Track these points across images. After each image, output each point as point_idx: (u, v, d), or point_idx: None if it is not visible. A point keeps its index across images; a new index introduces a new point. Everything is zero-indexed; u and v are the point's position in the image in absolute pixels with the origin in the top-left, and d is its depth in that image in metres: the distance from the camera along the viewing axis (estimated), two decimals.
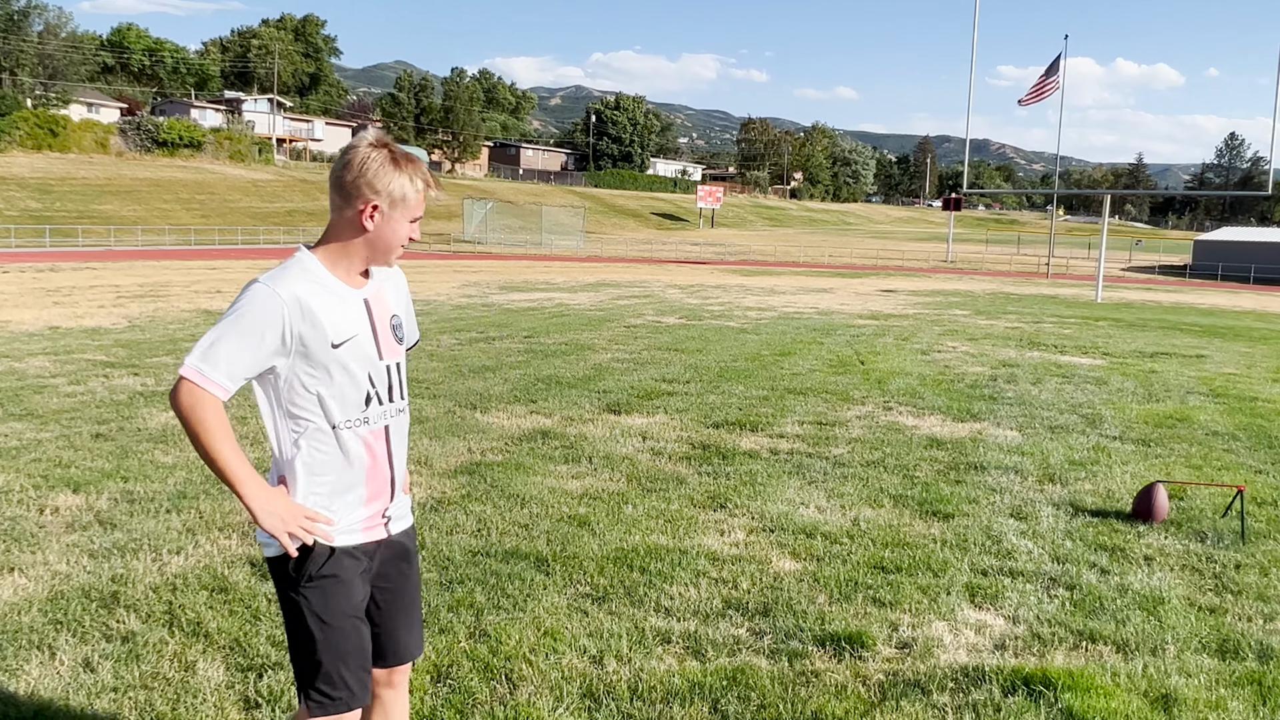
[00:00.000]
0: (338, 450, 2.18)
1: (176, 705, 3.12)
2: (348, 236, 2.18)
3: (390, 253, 2.22)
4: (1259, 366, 13.15)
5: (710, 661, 3.56)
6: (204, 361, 2.05)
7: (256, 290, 2.08)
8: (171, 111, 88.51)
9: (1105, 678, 3.50)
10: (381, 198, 2.14)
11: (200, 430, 2.04)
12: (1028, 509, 5.71)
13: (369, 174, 2.13)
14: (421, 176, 2.19)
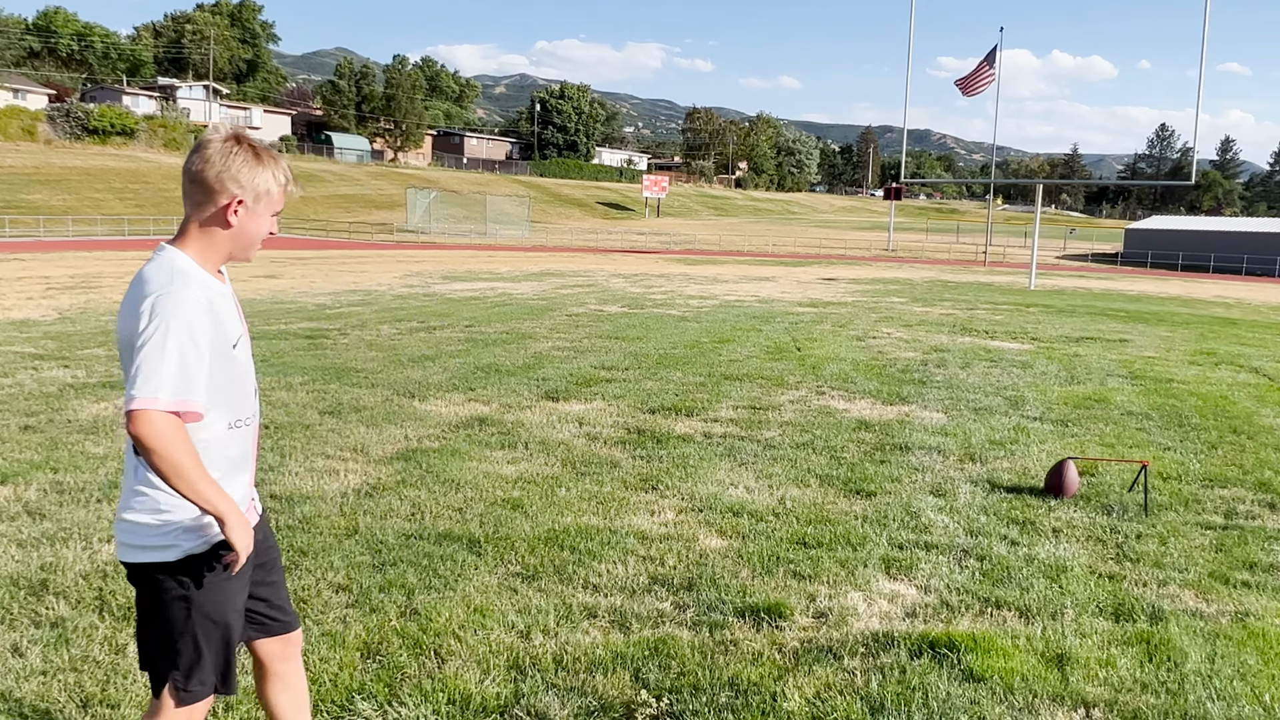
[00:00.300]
0: (230, 445, 2.22)
1: (106, 686, 3.17)
2: (211, 232, 2.18)
3: (252, 247, 2.24)
4: (1177, 350, 13.67)
5: (634, 633, 3.70)
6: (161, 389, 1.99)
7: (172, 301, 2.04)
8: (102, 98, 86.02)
9: (1006, 640, 3.71)
10: (246, 192, 2.16)
11: (179, 462, 2.00)
12: (947, 486, 5.94)
13: (233, 169, 2.14)
14: (284, 171, 2.23)
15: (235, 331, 2.20)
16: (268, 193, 2.20)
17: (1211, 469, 6.61)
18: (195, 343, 2.04)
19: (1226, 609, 4.14)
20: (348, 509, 5.12)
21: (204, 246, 2.18)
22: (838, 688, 3.32)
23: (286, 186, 2.25)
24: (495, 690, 3.23)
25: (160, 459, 1.98)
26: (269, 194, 2.20)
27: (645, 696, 3.22)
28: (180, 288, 2.07)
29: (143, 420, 1.96)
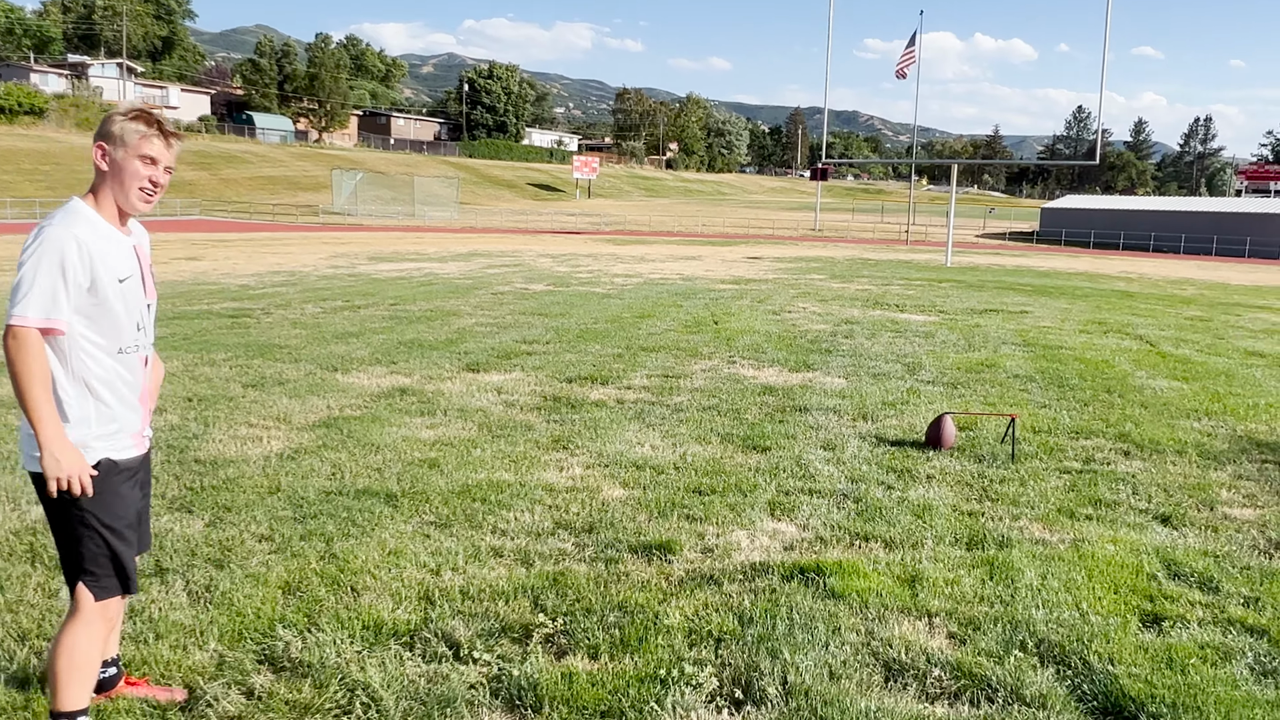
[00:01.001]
0: (123, 369, 2.63)
1: (42, 623, 3.43)
2: (99, 182, 2.59)
3: (130, 192, 2.58)
4: (1072, 320, 14.47)
5: (535, 569, 4.07)
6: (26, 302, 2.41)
7: (51, 234, 2.45)
8: (8, 76, 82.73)
9: (868, 566, 4.17)
10: (108, 140, 2.56)
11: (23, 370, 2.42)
12: (837, 441, 6.42)
13: (103, 127, 2.57)
14: (145, 119, 2.57)
15: (125, 270, 2.59)
16: (121, 135, 2.55)
17: (1080, 423, 7.21)
18: (63, 270, 2.44)
19: (1066, 538, 4.67)
20: (270, 470, 5.39)
21: (98, 195, 2.59)
22: (714, 606, 3.74)
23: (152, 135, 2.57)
24: (406, 617, 3.58)
25: (12, 370, 2.42)
26: (122, 137, 2.55)
27: (542, 619, 3.59)
28: (60, 224, 2.49)
29: (9, 335, 2.40)
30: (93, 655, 2.64)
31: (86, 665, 2.63)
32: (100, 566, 2.61)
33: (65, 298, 2.46)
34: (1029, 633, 3.57)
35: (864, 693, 3.12)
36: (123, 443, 2.66)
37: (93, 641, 2.63)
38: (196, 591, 3.76)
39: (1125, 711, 3.07)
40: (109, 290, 2.53)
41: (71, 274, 2.46)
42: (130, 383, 2.66)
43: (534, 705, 3.00)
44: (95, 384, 2.57)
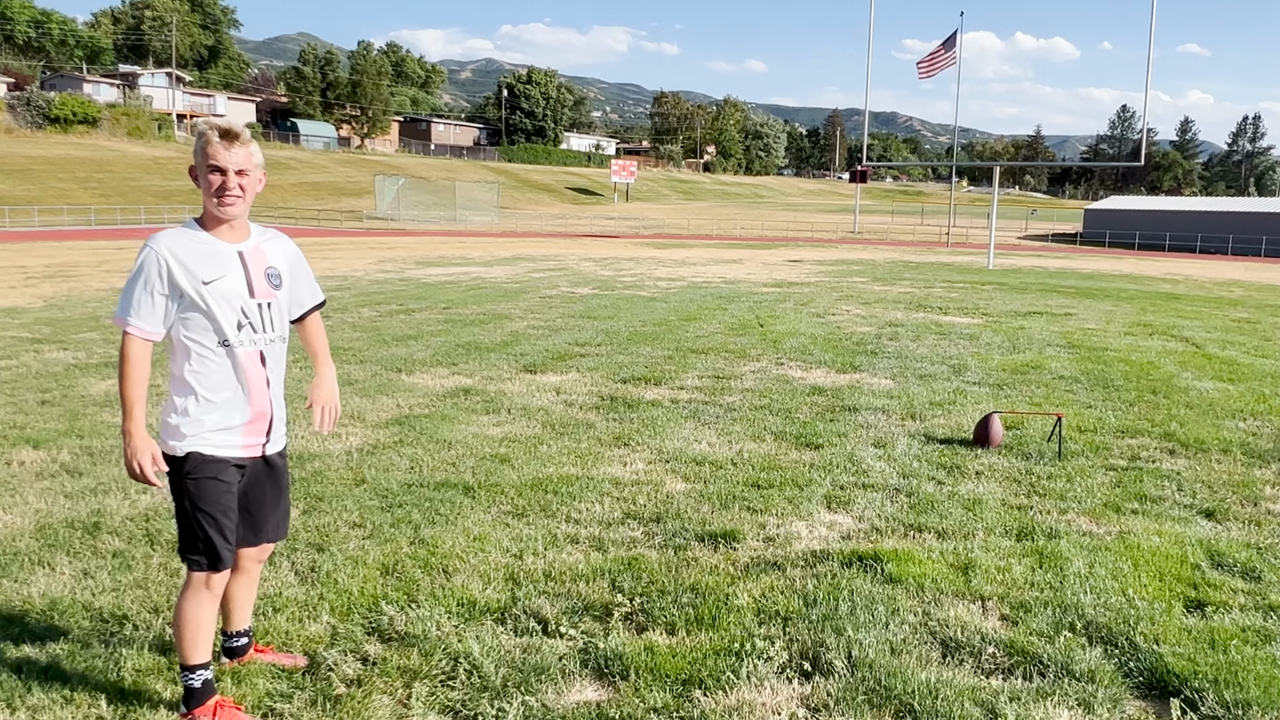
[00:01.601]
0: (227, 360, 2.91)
1: (170, 596, 3.79)
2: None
3: (210, 203, 2.86)
4: (1117, 322, 14.53)
5: (610, 554, 4.37)
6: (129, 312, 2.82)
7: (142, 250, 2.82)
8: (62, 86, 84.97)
9: (922, 554, 4.42)
10: (193, 159, 2.88)
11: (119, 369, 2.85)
12: (887, 440, 6.66)
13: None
14: (205, 131, 2.84)
15: (213, 274, 2.86)
16: (196, 152, 2.87)
17: (1125, 423, 7.38)
18: (137, 281, 2.80)
19: (1112, 530, 4.88)
20: (353, 464, 5.75)
21: (203, 209, 2.92)
22: (779, 589, 4.01)
23: (213, 143, 2.81)
24: (496, 596, 3.89)
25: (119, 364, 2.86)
26: (196, 153, 2.87)
27: (620, 599, 3.88)
28: (152, 238, 2.85)
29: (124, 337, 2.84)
30: (200, 618, 2.94)
31: (196, 626, 2.93)
32: (196, 545, 2.92)
33: (150, 306, 2.80)
34: (1078, 615, 3.80)
35: (923, 666, 3.38)
36: (219, 439, 2.91)
37: (197, 607, 2.94)
38: (303, 572, 4.10)
39: (1169, 686, 3.29)
40: (193, 293, 2.81)
41: (152, 284, 2.80)
42: (232, 380, 2.91)
43: (621, 674, 3.29)
44: (192, 380, 2.88)
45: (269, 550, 3.26)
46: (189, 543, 2.92)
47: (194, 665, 2.94)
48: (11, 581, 3.95)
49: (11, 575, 4.01)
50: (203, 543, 2.91)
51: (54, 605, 3.72)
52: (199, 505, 2.90)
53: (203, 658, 2.96)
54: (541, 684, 3.21)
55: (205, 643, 2.97)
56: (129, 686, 3.12)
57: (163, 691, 3.10)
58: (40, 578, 3.99)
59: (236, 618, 3.28)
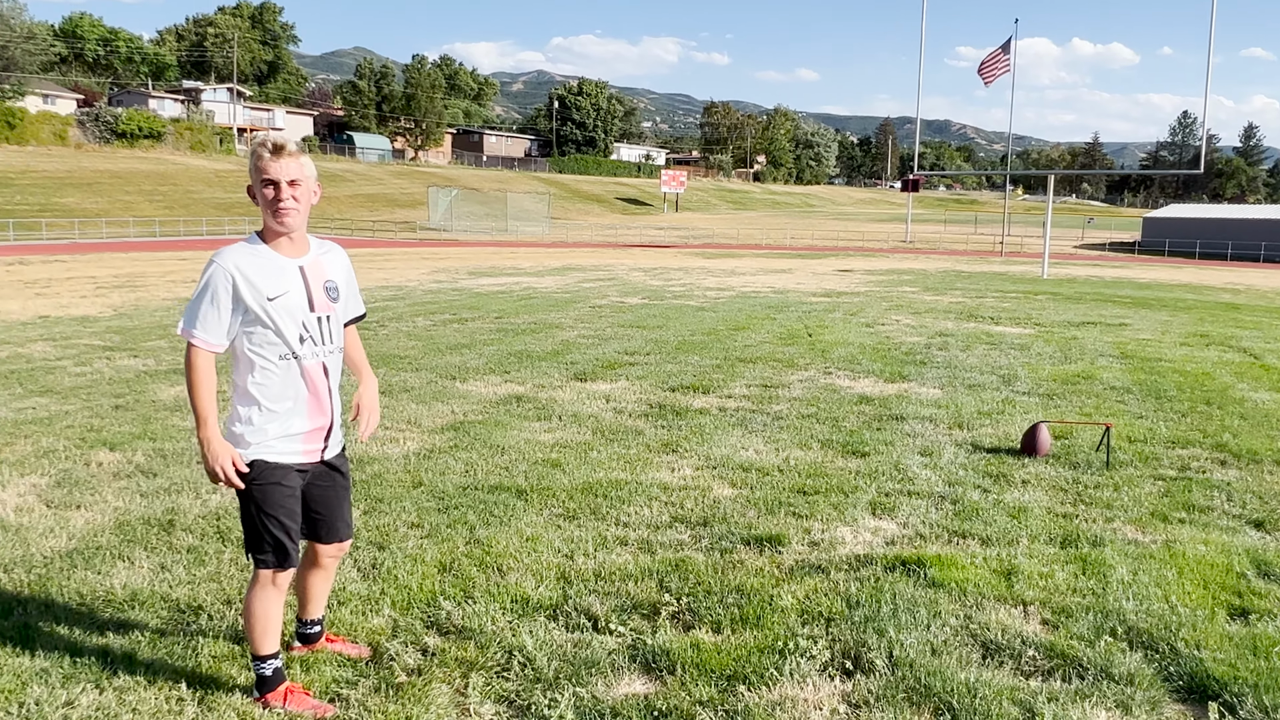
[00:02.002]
0: (288, 371, 3.04)
1: (241, 589, 4.00)
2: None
3: (268, 216, 2.98)
4: (1172, 333, 14.32)
5: (658, 555, 4.51)
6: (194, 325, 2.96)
7: (208, 265, 2.95)
8: (129, 102, 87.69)
9: (966, 559, 4.49)
10: (250, 176, 3.00)
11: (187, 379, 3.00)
12: (934, 448, 6.71)
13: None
14: (264, 147, 2.95)
15: (276, 289, 2.98)
16: (250, 170, 3.00)
17: (1177, 433, 7.34)
18: (204, 297, 2.93)
19: (1158, 539, 4.90)
20: (410, 468, 5.96)
21: (263, 224, 3.04)
22: (823, 591, 4.11)
23: (264, 156, 2.93)
24: (548, 594, 4.05)
25: (186, 374, 3.01)
26: (250, 171, 3.00)
27: (668, 598, 4.02)
28: (217, 254, 2.97)
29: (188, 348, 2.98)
30: (268, 611, 3.12)
31: (265, 619, 3.12)
32: (264, 545, 3.09)
33: (215, 319, 2.95)
34: (1119, 621, 3.85)
35: (964, 667, 3.46)
36: (282, 446, 3.07)
37: (265, 602, 3.11)
38: (365, 568, 4.30)
39: (1209, 690, 3.34)
40: (258, 309, 2.97)
41: (218, 299, 2.94)
42: (294, 391, 3.06)
43: (668, 668, 3.42)
44: (255, 391, 3.03)
45: (345, 547, 3.41)
46: (256, 543, 3.09)
47: (264, 655, 3.13)
48: (94, 574, 4.20)
49: (94, 568, 4.26)
50: (270, 544, 3.08)
51: (134, 596, 3.95)
52: (265, 509, 3.06)
53: (272, 648, 3.14)
54: (592, 677, 3.36)
55: (274, 634, 3.15)
56: (205, 672, 3.33)
57: (236, 677, 3.30)
58: (121, 570, 4.24)
59: (312, 607, 3.48)
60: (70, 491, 5.39)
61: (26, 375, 9.13)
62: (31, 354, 10.56)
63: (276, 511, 3.08)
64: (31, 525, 4.82)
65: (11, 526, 4.80)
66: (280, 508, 3.09)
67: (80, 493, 5.36)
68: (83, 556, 4.39)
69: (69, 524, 4.85)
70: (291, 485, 3.12)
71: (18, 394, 8.21)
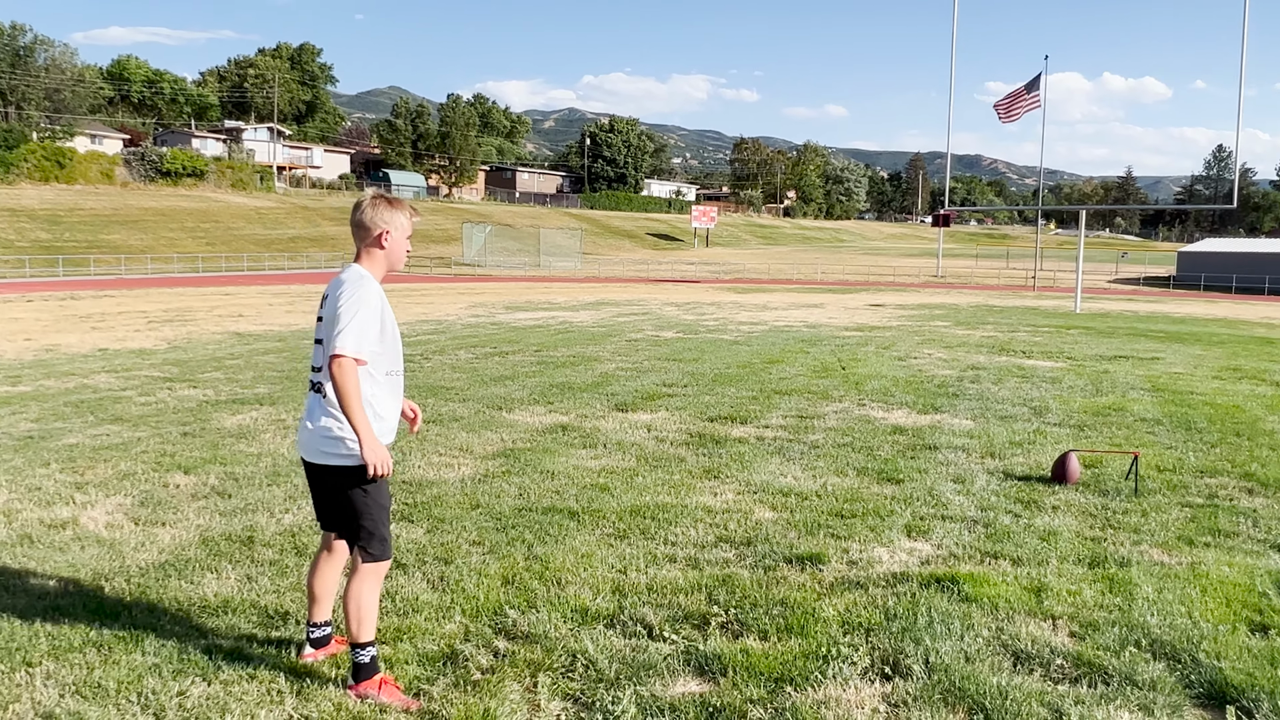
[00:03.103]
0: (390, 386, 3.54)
1: None
2: (373, 253, 3.50)
3: (400, 261, 3.56)
4: (1205, 367, 14.43)
5: (706, 571, 4.80)
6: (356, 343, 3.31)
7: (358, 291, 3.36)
8: (173, 141, 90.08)
9: (998, 577, 4.74)
10: (390, 225, 3.48)
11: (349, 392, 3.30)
12: (966, 476, 6.96)
13: (381, 213, 3.50)
14: (408, 209, 3.55)
15: (391, 316, 3.52)
16: (400, 224, 3.53)
17: (1206, 463, 7.53)
18: (368, 318, 3.36)
19: (1184, 561, 5.12)
20: (467, 490, 6.30)
21: (371, 263, 3.54)
22: (862, 604, 4.38)
23: (412, 218, 3.59)
24: (605, 605, 4.35)
25: (339, 389, 3.27)
26: (401, 225, 3.53)
27: (716, 610, 4.31)
28: (366, 284, 3.43)
29: (336, 364, 3.28)
30: (374, 601, 3.50)
31: (371, 608, 3.48)
32: (378, 540, 3.49)
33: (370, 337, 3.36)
34: (1143, 634, 4.09)
35: (995, 673, 3.72)
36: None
37: (372, 591, 3.50)
38: (433, 580, 4.63)
39: (1227, 696, 3.57)
40: (390, 330, 3.47)
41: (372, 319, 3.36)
42: (394, 401, 3.56)
43: (720, 671, 3.71)
44: (373, 401, 3.43)
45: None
46: (370, 539, 3.48)
47: (366, 642, 3.46)
48: (188, 583, 4.56)
49: (187, 578, 4.63)
50: (387, 537, 3.52)
51: (226, 603, 4.31)
52: (381, 504, 3.49)
53: (372, 635, 3.49)
54: (650, 678, 3.65)
55: (375, 622, 3.52)
56: (299, 668, 3.66)
57: (329, 672, 3.62)
58: (210, 580, 4.60)
59: (325, 605, 3.76)
60: (154, 510, 5.78)
61: (95, 404, 9.61)
62: (97, 385, 11.07)
63: (387, 505, 3.55)
64: (123, 540, 5.21)
65: (106, 541, 5.18)
66: (388, 502, 3.57)
67: (163, 511, 5.75)
68: (174, 568, 4.76)
69: (157, 539, 5.24)
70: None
71: (90, 421, 8.67)
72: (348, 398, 3.29)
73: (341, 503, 3.51)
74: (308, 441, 3.51)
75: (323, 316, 3.48)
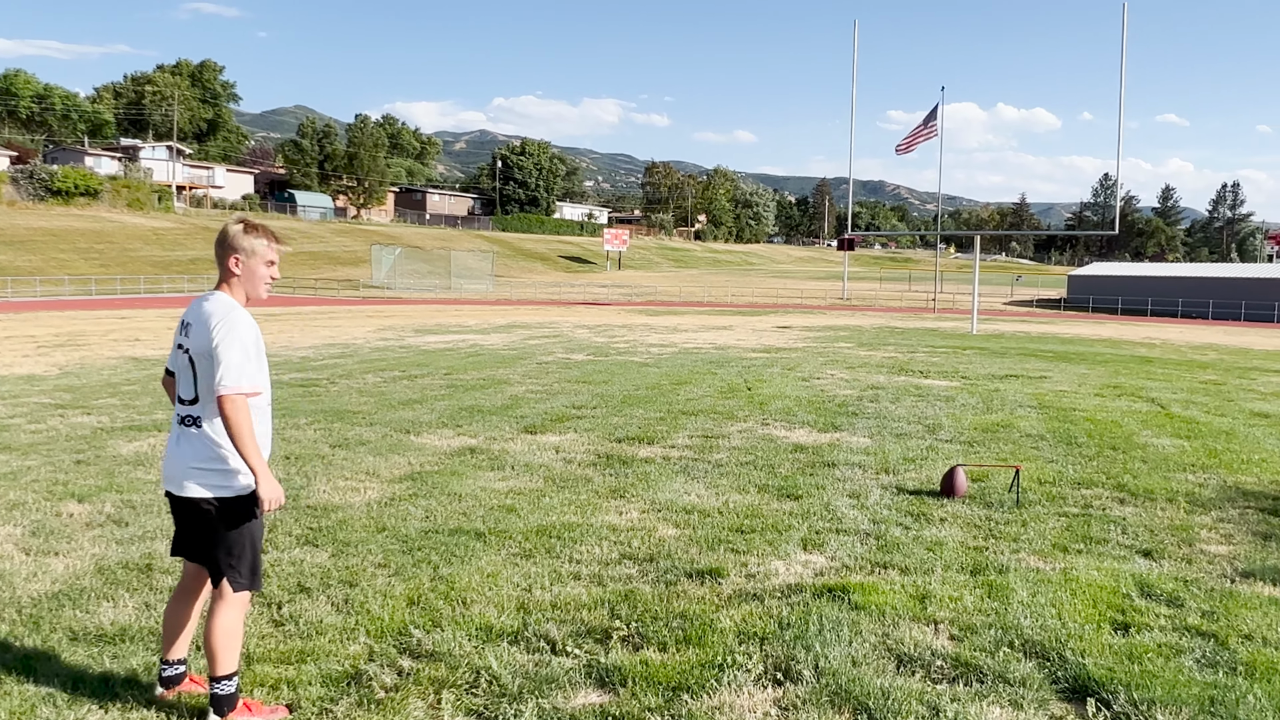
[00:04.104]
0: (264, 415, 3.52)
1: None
2: (233, 282, 3.46)
3: (259, 290, 3.50)
4: (1088, 384, 15.21)
5: (609, 587, 4.93)
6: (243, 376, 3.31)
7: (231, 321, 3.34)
8: (65, 159, 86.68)
9: (886, 586, 4.99)
10: (242, 252, 3.44)
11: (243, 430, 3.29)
12: (862, 491, 7.25)
13: (235, 238, 3.45)
14: (270, 236, 3.50)
15: (261, 343, 3.50)
16: (256, 251, 3.47)
17: (1083, 476, 7.99)
18: (248, 351, 3.35)
19: (1057, 566, 5.46)
20: (373, 514, 6.31)
21: (232, 290, 3.49)
22: (758, 615, 4.57)
23: (273, 245, 3.50)
24: (509, 622, 4.44)
25: (232, 426, 3.26)
26: (257, 251, 3.47)
27: (618, 624, 4.44)
28: (236, 314, 3.41)
29: (228, 403, 3.27)
30: (239, 630, 3.48)
31: (238, 638, 3.47)
32: (250, 569, 3.49)
33: (253, 369, 3.37)
34: (1017, 635, 4.37)
35: (880, 675, 3.93)
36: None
37: (239, 621, 3.48)
38: (337, 603, 4.65)
39: (1089, 689, 3.85)
40: (262, 359, 3.46)
41: (250, 351, 3.37)
42: (267, 430, 3.55)
43: (620, 682, 3.84)
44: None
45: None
46: (246, 568, 3.47)
47: (230, 674, 3.44)
48: (83, 613, 4.49)
49: (82, 607, 4.55)
50: (255, 567, 3.50)
51: (124, 631, 4.26)
52: (256, 535, 3.50)
53: (235, 666, 3.46)
54: (552, 691, 3.76)
55: (238, 651, 3.50)
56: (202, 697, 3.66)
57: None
58: (107, 609, 4.53)
59: (179, 646, 3.70)
60: (46, 540, 5.64)
61: None
62: None
63: (260, 538, 3.55)
64: (14, 571, 5.08)
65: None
66: (262, 535, 3.57)
67: (56, 541, 5.62)
68: (68, 598, 4.67)
69: (50, 569, 5.12)
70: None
71: None
72: (241, 435, 3.29)
73: (220, 535, 3.45)
74: (181, 475, 3.43)
75: (187, 347, 3.42)
